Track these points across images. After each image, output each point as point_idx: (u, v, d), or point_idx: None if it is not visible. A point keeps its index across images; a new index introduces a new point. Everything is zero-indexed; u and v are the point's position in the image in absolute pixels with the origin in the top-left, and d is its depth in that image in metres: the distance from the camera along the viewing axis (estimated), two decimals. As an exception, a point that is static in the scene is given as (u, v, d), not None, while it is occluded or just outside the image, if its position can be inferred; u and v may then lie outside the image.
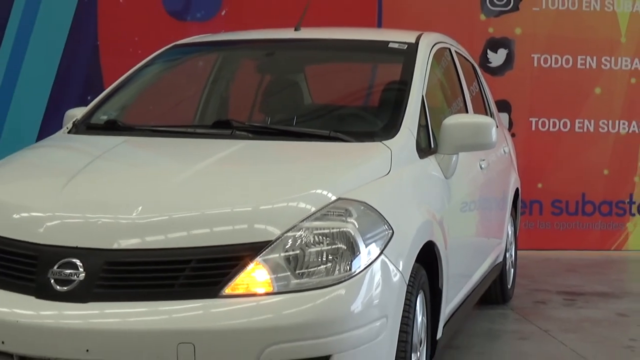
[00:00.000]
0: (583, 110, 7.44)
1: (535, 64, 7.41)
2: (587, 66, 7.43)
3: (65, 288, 2.57)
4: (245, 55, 4.66)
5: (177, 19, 7.10)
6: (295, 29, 4.30)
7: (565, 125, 7.44)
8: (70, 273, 2.58)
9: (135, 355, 2.49)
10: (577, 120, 7.44)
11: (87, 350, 2.49)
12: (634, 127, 7.49)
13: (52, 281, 2.59)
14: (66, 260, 2.60)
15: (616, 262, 7.10)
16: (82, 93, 6.96)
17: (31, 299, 2.60)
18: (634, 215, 7.52)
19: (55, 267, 2.60)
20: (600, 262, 6.97)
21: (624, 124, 7.47)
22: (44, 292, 2.59)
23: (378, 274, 2.67)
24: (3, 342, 2.57)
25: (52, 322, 2.54)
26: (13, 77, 7.06)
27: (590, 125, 7.45)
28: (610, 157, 7.49)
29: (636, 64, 7.45)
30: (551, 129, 7.45)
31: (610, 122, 7.46)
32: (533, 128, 7.44)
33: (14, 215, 2.84)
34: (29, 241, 2.70)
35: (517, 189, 5.59)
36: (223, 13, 7.15)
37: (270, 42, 4.45)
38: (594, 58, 7.41)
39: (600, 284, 6.11)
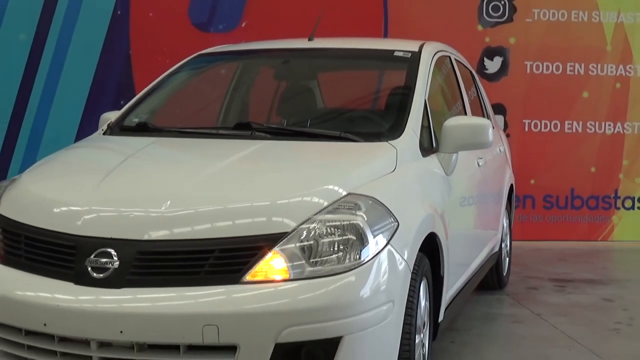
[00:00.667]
0: (572, 112, 7.43)
1: (528, 71, 7.39)
2: (576, 72, 7.41)
3: (101, 275, 2.58)
4: (263, 64, 4.66)
5: (202, 31, 7.10)
6: (309, 39, 4.31)
7: (555, 126, 7.43)
8: (106, 262, 2.59)
9: (164, 336, 2.50)
10: (566, 122, 7.42)
11: (121, 332, 2.50)
12: (618, 128, 7.46)
13: (89, 269, 2.60)
14: (102, 250, 2.61)
15: (602, 251, 7.08)
16: (115, 98, 6.98)
17: (70, 285, 2.61)
18: (618, 209, 7.50)
19: (92, 256, 2.61)
20: (588, 252, 6.95)
21: (609, 125, 7.45)
22: (82, 279, 2.60)
23: (385, 263, 2.67)
24: (45, 325, 2.59)
25: (90, 306, 2.55)
26: (53, 84, 7.09)
27: (579, 126, 7.43)
28: (597, 155, 7.47)
29: (621, 70, 7.42)
30: (543, 130, 7.43)
31: (596, 123, 7.44)
32: (526, 129, 7.42)
33: (55, 209, 2.86)
34: (68, 233, 2.71)
35: (511, 185, 5.57)
36: (243, 25, 7.16)
37: (286, 52, 4.45)
38: (582, 65, 7.40)
39: (588, 271, 6.09)
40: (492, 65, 7.36)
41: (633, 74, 7.44)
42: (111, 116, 3.98)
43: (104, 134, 3.82)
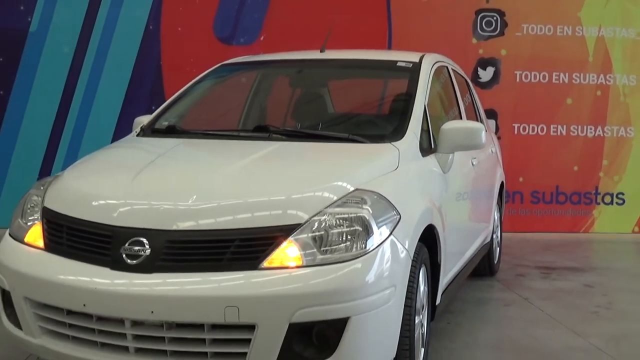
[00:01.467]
0: (557, 117, 7.41)
1: (518, 79, 7.38)
2: (561, 81, 7.39)
3: (134, 262, 2.59)
4: (279, 73, 4.67)
5: (225, 43, 7.12)
6: (321, 51, 4.31)
7: (542, 129, 7.41)
8: (138, 249, 2.60)
9: (190, 316, 2.51)
10: (552, 126, 7.41)
11: (152, 312, 2.51)
12: (599, 131, 7.44)
13: (123, 256, 2.61)
14: (135, 239, 2.62)
15: (584, 242, 7.06)
16: (148, 103, 7.00)
17: (106, 270, 2.62)
18: (599, 204, 7.47)
19: (126, 244, 2.62)
20: (571, 243, 6.93)
21: (590, 128, 7.43)
22: (117, 265, 2.61)
23: (388, 251, 2.67)
24: (84, 305, 2.61)
25: (124, 289, 2.56)
26: (92, 90, 7.12)
27: (563, 129, 7.42)
28: (580, 156, 7.44)
29: (601, 79, 7.40)
30: (531, 132, 7.42)
31: (579, 127, 7.42)
32: (516, 132, 7.41)
33: (93, 203, 2.87)
34: (105, 223, 2.72)
35: (502, 182, 5.56)
36: (262, 38, 7.16)
37: (300, 62, 4.45)
38: (566, 74, 7.38)
39: (571, 260, 6.08)
40: (485, 75, 7.35)
41: (612, 82, 7.42)
42: (144, 120, 3.99)
43: (137, 135, 3.84)
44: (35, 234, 2.92)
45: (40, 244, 2.88)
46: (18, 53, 7.03)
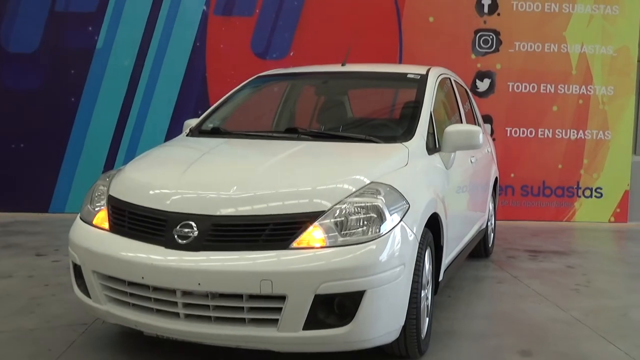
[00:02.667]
0: (544, 122, 7.34)
1: (510, 90, 7.32)
2: (547, 91, 7.32)
3: (184, 241, 2.61)
4: (306, 83, 4.67)
5: (260, 58, 7.13)
6: (342, 65, 4.30)
7: (531, 132, 7.35)
8: (188, 231, 2.62)
9: (231, 287, 2.53)
10: (539, 129, 7.35)
11: (199, 284, 2.54)
12: (580, 134, 7.36)
13: (175, 237, 2.63)
14: (185, 222, 2.64)
15: (566, 230, 7.00)
16: (195, 108, 7.02)
17: (161, 249, 2.65)
18: (579, 197, 7.40)
19: (178, 227, 2.64)
20: (555, 230, 6.88)
21: (573, 132, 7.36)
22: (170, 244, 2.63)
23: (398, 235, 2.67)
24: (143, 277, 2.64)
25: (175, 264, 2.58)
26: (149, 97, 7.17)
27: (549, 133, 7.35)
28: (563, 155, 7.37)
29: (583, 89, 7.32)
30: (521, 135, 7.35)
31: (563, 130, 7.35)
32: (508, 135, 7.35)
33: (150, 192, 2.89)
34: (160, 209, 2.75)
35: (496, 177, 5.52)
36: (291, 54, 7.17)
37: (324, 74, 4.44)
38: (553, 85, 7.31)
39: (555, 245, 6.03)
40: (482, 85, 7.31)
41: (592, 92, 7.34)
42: (192, 122, 4.02)
43: (187, 135, 3.86)
44: (102, 218, 2.95)
45: (106, 226, 2.91)
46: (87, 67, 7.10)
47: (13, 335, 3.28)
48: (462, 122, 4.36)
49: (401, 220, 2.71)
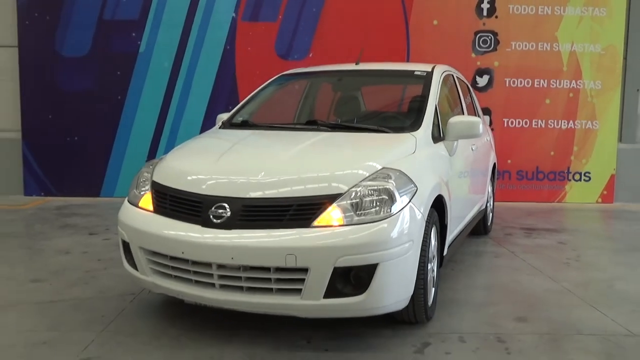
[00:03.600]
0: (538, 113, 7.25)
1: (507, 85, 7.22)
2: (541, 86, 7.22)
3: (219, 221, 2.63)
4: (325, 80, 4.65)
5: (283, 59, 7.10)
6: (356, 64, 4.27)
7: (526, 123, 7.25)
8: (221, 212, 2.64)
9: (260, 261, 2.54)
10: (533, 120, 7.25)
11: (232, 258, 2.55)
12: (570, 124, 7.26)
13: (210, 217, 2.65)
14: (219, 204, 2.66)
15: (558, 210, 6.93)
16: (226, 104, 7.03)
17: (198, 227, 2.66)
18: (570, 180, 7.30)
19: (213, 208, 2.65)
20: (548, 210, 6.81)
21: (564, 122, 7.25)
22: (206, 223, 2.65)
23: (407, 214, 2.66)
24: (183, 252, 2.66)
25: (211, 241, 2.60)
26: (185, 94, 7.19)
27: (542, 123, 7.25)
28: (555, 143, 7.27)
29: (573, 84, 7.21)
30: (517, 125, 7.26)
31: (555, 121, 7.25)
32: (505, 125, 7.26)
33: (188, 177, 2.90)
34: (197, 192, 2.76)
35: (494, 163, 5.47)
36: (310, 55, 7.13)
37: (340, 72, 4.42)
38: (545, 80, 7.21)
39: (548, 223, 5.97)
40: (482, 81, 7.22)
41: (582, 87, 7.22)
42: (224, 116, 4.02)
43: (219, 128, 3.86)
44: (146, 201, 2.97)
45: (150, 207, 2.93)
46: (131, 68, 7.14)
47: (72, 303, 3.34)
48: (463, 114, 4.32)
49: (410, 201, 2.70)
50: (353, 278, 2.55)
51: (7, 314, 3.17)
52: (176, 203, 2.82)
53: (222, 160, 2.97)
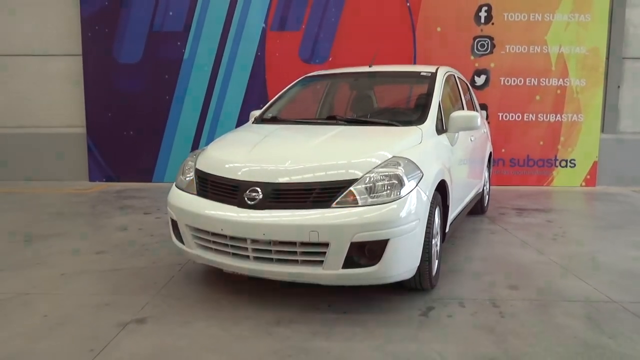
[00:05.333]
0: (529, 108, 7.10)
1: (502, 83, 7.08)
2: (532, 84, 7.06)
3: (252, 202, 2.64)
4: (342, 81, 4.62)
5: (306, 63, 7.06)
6: (369, 66, 4.23)
7: (519, 117, 7.12)
8: (254, 195, 2.65)
9: (287, 236, 2.54)
10: (525, 114, 7.11)
11: (264, 234, 2.56)
12: (558, 118, 7.10)
13: (245, 199, 2.66)
14: (252, 188, 2.67)
15: (546, 192, 6.80)
16: (258, 102, 7.05)
17: (235, 208, 2.68)
18: (557, 167, 7.17)
19: (247, 191, 2.67)
20: (537, 193, 6.69)
21: (552, 116, 7.10)
22: (241, 204, 2.66)
23: (415, 197, 2.64)
24: (222, 229, 2.67)
25: (246, 219, 2.61)
26: (223, 94, 7.20)
27: (533, 117, 7.11)
28: (544, 134, 7.13)
29: (560, 82, 7.04)
30: (510, 119, 7.13)
31: (544, 115, 7.10)
32: (500, 119, 7.13)
33: (226, 165, 2.91)
34: (234, 178, 2.77)
35: (490, 152, 5.38)
36: (330, 59, 7.07)
37: (356, 74, 4.39)
38: (536, 79, 7.05)
39: (537, 204, 5.87)
40: (480, 80, 7.10)
41: (568, 84, 7.05)
42: (256, 113, 4.02)
43: (252, 123, 3.86)
44: (191, 185, 3.00)
45: (194, 191, 2.95)
46: (177, 72, 7.18)
47: (130, 271, 3.40)
48: (463, 109, 4.26)
49: (417, 185, 2.68)
50: (367, 251, 2.55)
51: (77, 280, 3.24)
52: (216, 187, 2.84)
53: (255, 151, 2.97)
